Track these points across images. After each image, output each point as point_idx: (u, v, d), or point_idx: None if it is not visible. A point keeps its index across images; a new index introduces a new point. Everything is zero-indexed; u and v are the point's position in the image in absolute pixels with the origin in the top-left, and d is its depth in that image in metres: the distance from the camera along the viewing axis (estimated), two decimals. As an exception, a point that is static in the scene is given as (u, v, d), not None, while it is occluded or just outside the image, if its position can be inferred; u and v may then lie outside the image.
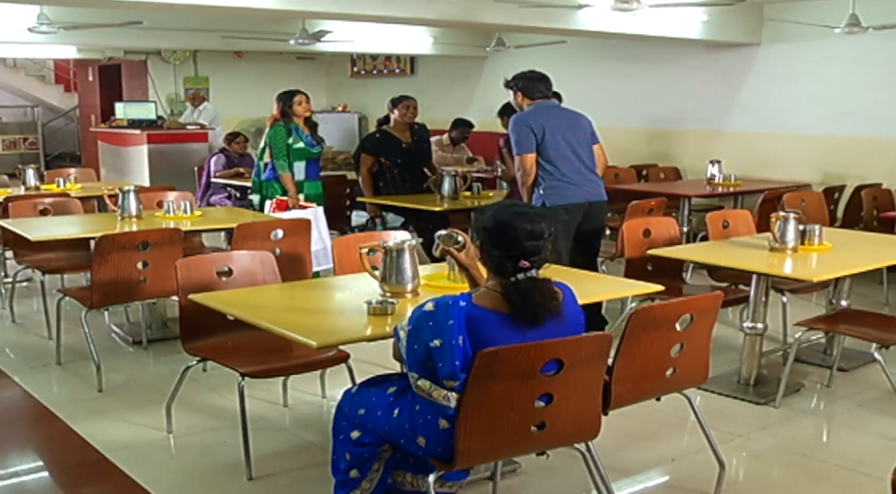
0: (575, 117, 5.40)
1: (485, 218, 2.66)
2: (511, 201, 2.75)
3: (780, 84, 8.54)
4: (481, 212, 2.72)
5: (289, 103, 6.63)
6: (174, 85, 13.15)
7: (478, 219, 2.70)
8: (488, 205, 2.78)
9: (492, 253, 2.60)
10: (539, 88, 5.31)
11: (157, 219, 5.57)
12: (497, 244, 2.58)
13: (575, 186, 5.26)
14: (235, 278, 3.98)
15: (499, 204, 2.75)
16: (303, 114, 6.65)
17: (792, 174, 8.49)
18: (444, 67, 12.28)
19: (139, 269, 4.70)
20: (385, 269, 3.34)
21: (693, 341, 3.17)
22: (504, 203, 2.79)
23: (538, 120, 5.18)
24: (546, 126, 5.16)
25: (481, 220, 2.67)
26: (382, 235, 4.43)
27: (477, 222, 2.70)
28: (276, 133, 6.54)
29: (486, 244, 2.63)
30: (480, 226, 2.66)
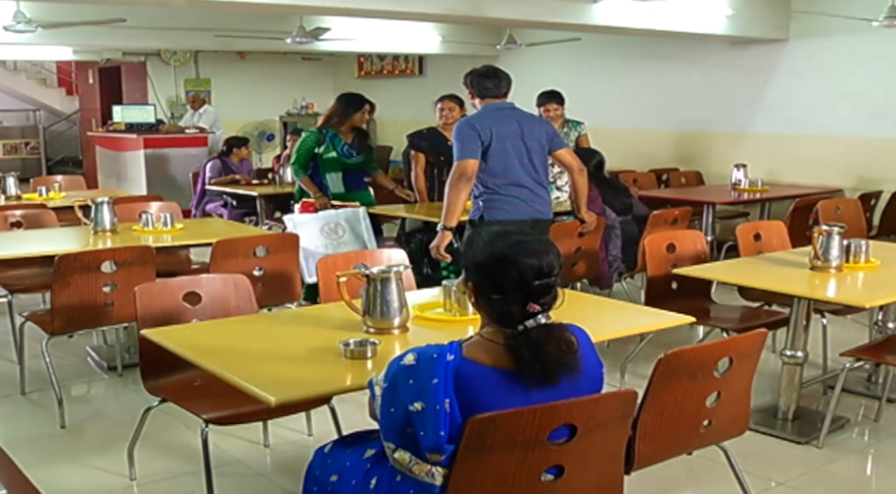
0: (530, 122, 4.68)
1: (475, 252, 2.15)
2: (503, 228, 2.22)
3: (810, 82, 8.00)
4: (468, 244, 2.20)
5: (354, 109, 6.05)
6: (175, 87, 12.72)
7: (466, 252, 2.19)
8: (475, 233, 2.24)
9: (490, 297, 2.09)
10: (486, 85, 4.58)
11: (134, 234, 5.10)
12: (497, 286, 2.07)
13: (519, 201, 4.58)
14: (205, 305, 3.50)
15: (490, 232, 2.18)
16: (358, 123, 6.14)
17: (823, 179, 7.96)
18: (453, 67, 11.75)
19: (105, 292, 4.23)
20: (368, 301, 2.85)
21: (732, 387, 2.67)
22: (497, 231, 2.18)
23: (486, 124, 4.47)
24: (494, 131, 4.48)
25: (471, 255, 2.16)
26: (367, 256, 3.94)
27: (465, 258, 2.19)
28: (303, 140, 6.11)
29: (481, 286, 2.12)
30: (471, 264, 2.15)
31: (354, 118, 6.07)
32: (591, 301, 3.51)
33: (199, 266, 5.75)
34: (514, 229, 2.19)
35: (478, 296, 2.12)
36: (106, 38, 8.90)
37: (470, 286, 2.14)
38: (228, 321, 3.15)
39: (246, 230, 5.65)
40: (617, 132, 9.37)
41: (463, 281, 2.19)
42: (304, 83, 13.41)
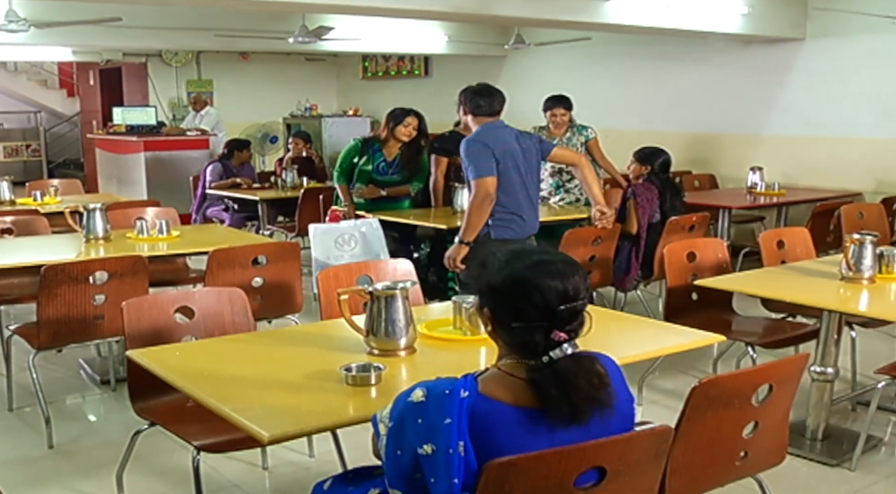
0: (525, 139, 4.52)
1: (490, 274, 1.90)
2: (522, 246, 1.99)
3: (828, 82, 7.76)
4: (482, 265, 1.95)
5: (395, 122, 6.07)
6: (176, 88, 12.50)
7: (479, 274, 1.94)
8: (490, 253, 1.97)
9: (509, 325, 1.85)
10: (479, 103, 4.44)
11: (128, 242, 4.88)
12: (516, 312, 1.83)
13: (523, 221, 4.49)
14: (198, 321, 3.28)
15: (507, 251, 1.93)
16: (400, 138, 6.09)
17: (841, 182, 7.71)
18: (460, 68, 11.55)
19: (95, 305, 4.01)
20: (371, 320, 2.62)
21: (771, 416, 2.43)
22: (515, 250, 1.93)
23: (496, 142, 4.34)
24: (503, 149, 4.34)
25: (486, 278, 1.91)
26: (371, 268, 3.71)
27: (479, 280, 1.93)
28: (346, 149, 6.21)
29: (499, 313, 1.88)
30: (487, 287, 1.91)
31: (397, 132, 6.04)
32: (609, 316, 3.28)
33: (197, 274, 5.53)
34: (534, 247, 1.96)
35: (495, 324, 1.89)
36: (105, 38, 8.70)
37: (486, 313, 1.90)
38: (221, 340, 2.92)
39: (244, 238, 5.42)
40: (627, 134, 9.12)
41: (477, 306, 1.95)
42: (307, 84, 13.19)
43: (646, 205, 5.55)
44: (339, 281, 3.62)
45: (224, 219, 8.02)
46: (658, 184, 5.73)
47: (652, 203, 5.60)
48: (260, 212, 7.74)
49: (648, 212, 5.57)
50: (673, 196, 5.83)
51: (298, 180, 7.97)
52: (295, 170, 8.04)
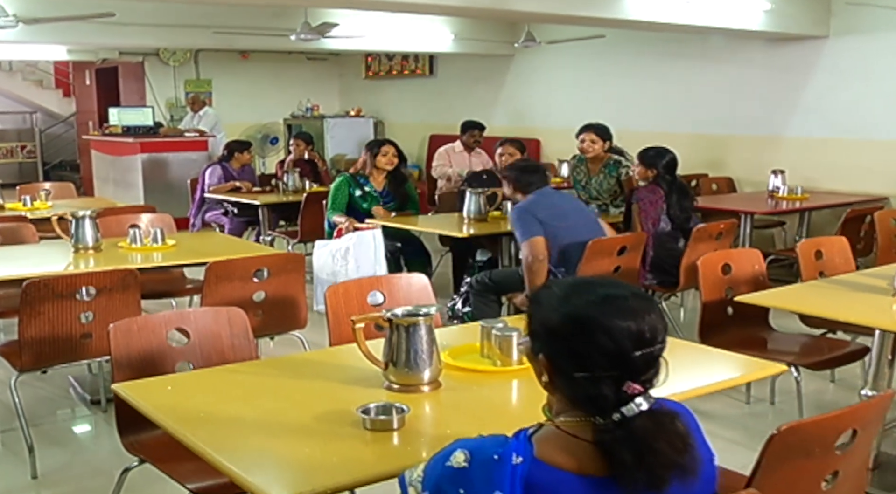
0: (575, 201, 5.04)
1: (547, 312, 1.57)
2: (583, 278, 1.67)
3: (852, 82, 7.43)
4: (535, 302, 1.62)
5: (375, 151, 6.08)
6: (174, 88, 12.17)
7: (534, 312, 1.61)
8: (545, 286, 1.66)
9: (571, 375, 1.52)
10: (529, 182, 4.78)
11: (120, 252, 4.56)
12: (580, 360, 1.50)
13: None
14: (194, 345, 2.96)
15: (565, 284, 1.62)
16: (383, 167, 6.09)
17: (865, 185, 7.39)
18: (466, 67, 11.24)
19: (82, 323, 3.69)
20: (391, 351, 2.30)
21: (852, 464, 2.11)
22: (575, 283, 1.63)
23: (540, 206, 4.66)
24: (551, 212, 4.66)
25: (542, 317, 1.58)
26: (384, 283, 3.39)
27: (534, 320, 1.61)
28: (336, 186, 6.14)
29: (557, 360, 1.55)
30: (542, 328, 1.58)
31: (378, 162, 6.04)
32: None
33: (194, 285, 5.22)
34: (597, 279, 1.63)
35: (553, 374, 1.55)
36: (100, 35, 8.36)
37: (541, 360, 1.56)
38: (220, 371, 2.59)
39: (244, 247, 5.10)
40: (641, 135, 8.75)
41: (529, 351, 1.62)
42: (309, 84, 12.86)
43: (650, 209, 5.23)
44: (348, 298, 3.32)
45: (224, 224, 7.70)
46: (664, 186, 5.39)
47: (657, 206, 5.27)
48: (261, 216, 7.42)
49: (653, 217, 5.25)
50: (681, 198, 5.48)
51: (300, 183, 7.66)
52: (297, 173, 7.72)
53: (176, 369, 2.89)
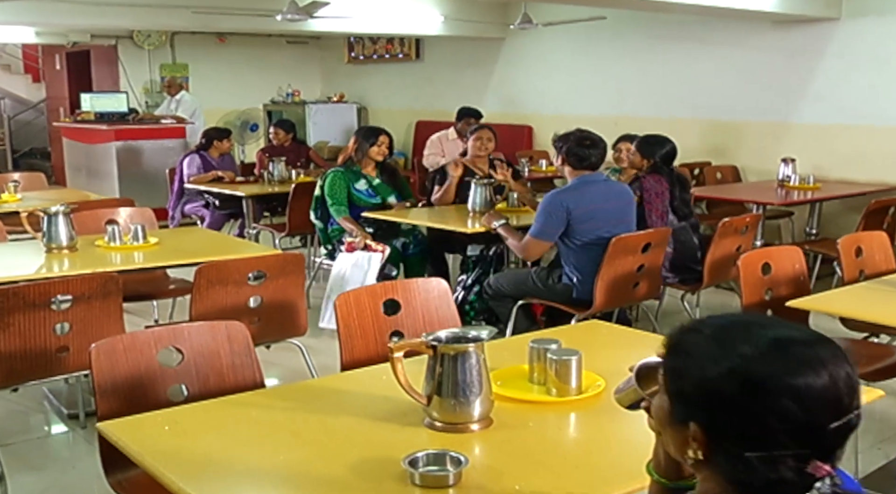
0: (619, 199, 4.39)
1: (702, 367, 1.17)
2: (735, 316, 1.25)
3: (865, 67, 7.09)
4: (677, 351, 1.23)
5: (370, 141, 5.62)
6: (149, 73, 11.65)
7: (677, 365, 1.22)
8: (691, 328, 1.24)
9: (739, 454, 1.12)
10: (581, 156, 4.24)
11: (97, 251, 4.15)
12: (754, 433, 1.12)
13: None
14: (188, 365, 2.57)
15: (719, 325, 1.21)
16: (375, 158, 5.65)
17: (878, 174, 7.07)
18: (454, 51, 10.81)
19: (58, 335, 3.28)
20: (435, 384, 1.92)
21: None
22: (730, 322, 1.22)
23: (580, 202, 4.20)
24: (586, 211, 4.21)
25: (694, 373, 1.18)
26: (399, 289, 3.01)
27: (678, 376, 1.21)
28: (332, 182, 5.62)
29: (720, 432, 1.15)
30: (696, 389, 1.18)
31: (372, 152, 5.61)
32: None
33: (179, 285, 4.81)
34: (755, 317, 1.25)
35: (709, 450, 1.17)
36: (70, 16, 7.87)
37: (692, 429, 1.18)
38: (225, 405, 2.19)
39: (234, 245, 4.70)
40: (642, 121, 8.41)
41: (668, 415, 1.23)
42: (289, 68, 12.39)
43: (656, 201, 4.89)
44: (360, 309, 2.94)
45: (204, 216, 7.27)
46: (666, 177, 5.06)
47: (663, 198, 4.94)
48: (245, 209, 7.00)
49: (660, 209, 4.91)
50: (681, 189, 5.17)
51: (286, 173, 7.24)
52: (282, 161, 7.30)
53: (168, 393, 2.51)
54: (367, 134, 5.71)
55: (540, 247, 4.28)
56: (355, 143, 5.66)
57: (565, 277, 4.33)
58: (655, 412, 1.27)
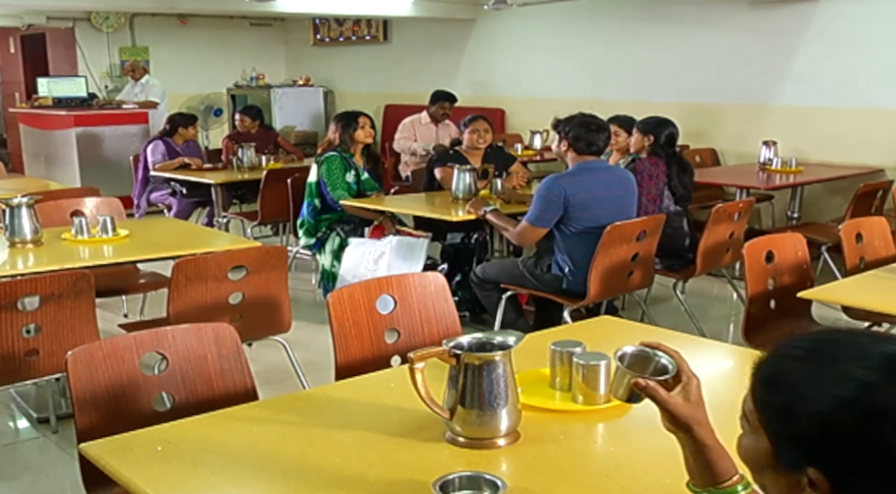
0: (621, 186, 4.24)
1: (813, 399, 1.00)
2: (829, 332, 1.09)
3: (845, 48, 6.99)
4: (776, 382, 1.06)
5: (353, 126, 5.34)
6: (108, 56, 11.29)
7: (777, 399, 1.04)
8: (788, 349, 1.08)
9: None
10: (584, 140, 4.04)
11: (64, 245, 3.91)
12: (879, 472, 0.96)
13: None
14: (174, 372, 2.36)
15: (817, 343, 1.06)
16: (363, 141, 5.39)
17: (858, 157, 6.99)
18: (423, 33, 10.59)
19: (25, 338, 3.05)
20: (457, 394, 1.74)
21: None
22: (828, 339, 1.07)
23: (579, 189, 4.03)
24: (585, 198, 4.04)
25: (803, 407, 1.01)
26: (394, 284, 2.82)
27: (781, 411, 1.04)
28: (331, 167, 5.30)
29: (848, 478, 0.98)
30: (810, 426, 1.00)
31: (358, 136, 5.34)
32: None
33: (150, 279, 4.58)
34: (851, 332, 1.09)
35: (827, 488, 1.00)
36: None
37: (811, 475, 0.99)
38: (220, 419, 1.99)
39: (210, 237, 4.47)
40: (619, 104, 8.27)
41: (772, 460, 1.05)
42: (253, 51, 12.07)
43: (648, 184, 4.75)
44: (354, 305, 2.75)
45: (171, 205, 7.01)
46: (664, 159, 4.95)
47: (658, 181, 4.82)
48: (214, 196, 6.75)
49: (653, 192, 4.78)
50: (680, 173, 5.06)
51: (256, 159, 7.00)
52: (252, 147, 7.05)
53: (152, 403, 2.31)
54: (348, 119, 5.41)
55: (536, 233, 4.11)
56: (336, 131, 5.38)
57: (555, 266, 4.18)
58: (747, 454, 1.10)
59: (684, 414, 1.28)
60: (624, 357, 1.41)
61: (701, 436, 1.27)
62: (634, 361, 1.40)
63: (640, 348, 1.42)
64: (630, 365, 1.38)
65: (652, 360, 1.39)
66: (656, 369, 1.37)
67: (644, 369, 1.38)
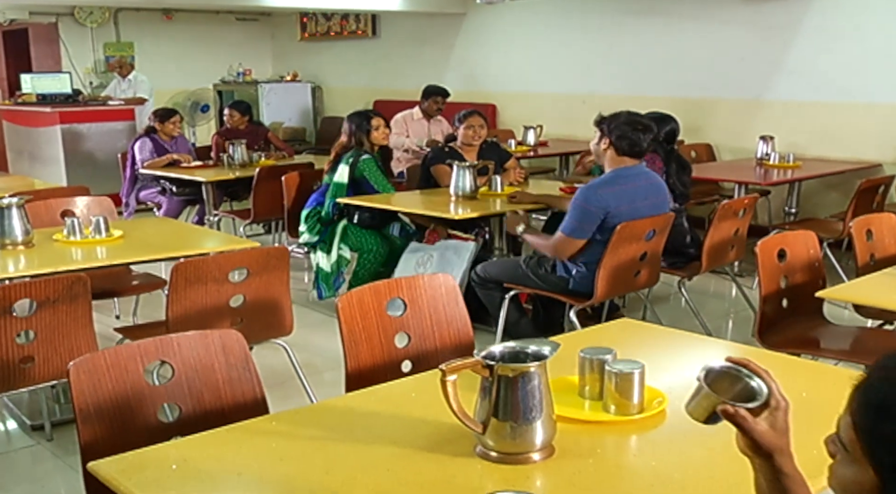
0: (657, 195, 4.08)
1: None
2: None
3: (843, 41, 6.94)
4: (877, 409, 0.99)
5: (366, 127, 5.23)
6: (93, 52, 11.12)
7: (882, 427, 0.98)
8: (877, 371, 1.03)
9: None
10: (629, 140, 3.85)
11: (56, 247, 3.79)
12: None
13: None
14: (180, 381, 2.26)
15: None
16: (380, 142, 5.30)
17: (855, 151, 6.95)
18: (412, 27, 10.48)
19: (20, 344, 2.94)
20: (491, 408, 1.65)
21: None
22: None
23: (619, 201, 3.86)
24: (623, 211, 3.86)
25: None
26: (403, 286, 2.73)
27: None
28: (371, 170, 5.19)
29: None
30: None
31: (374, 138, 5.25)
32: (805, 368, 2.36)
33: (143, 281, 4.47)
34: None
35: None
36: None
37: None
38: (235, 432, 1.89)
39: (206, 237, 4.35)
40: (612, 99, 8.16)
41: (874, 487, 0.98)
42: (239, 47, 11.94)
43: None
44: (364, 310, 2.66)
45: (161, 203, 6.89)
46: (663, 155, 4.89)
47: None
48: (205, 195, 6.63)
49: None
50: (679, 170, 5.00)
51: (247, 157, 6.87)
52: (243, 144, 6.93)
53: (158, 414, 2.21)
54: (360, 120, 5.28)
55: (573, 245, 3.89)
56: (350, 133, 5.26)
57: (560, 269, 4.08)
58: (844, 485, 1.01)
59: (769, 443, 1.19)
60: (708, 375, 1.31)
61: (780, 464, 1.19)
62: (718, 378, 1.30)
63: (727, 366, 1.32)
64: (713, 382, 1.29)
65: (739, 380, 1.29)
66: (744, 390, 1.28)
67: (729, 389, 1.28)
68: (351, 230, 5.22)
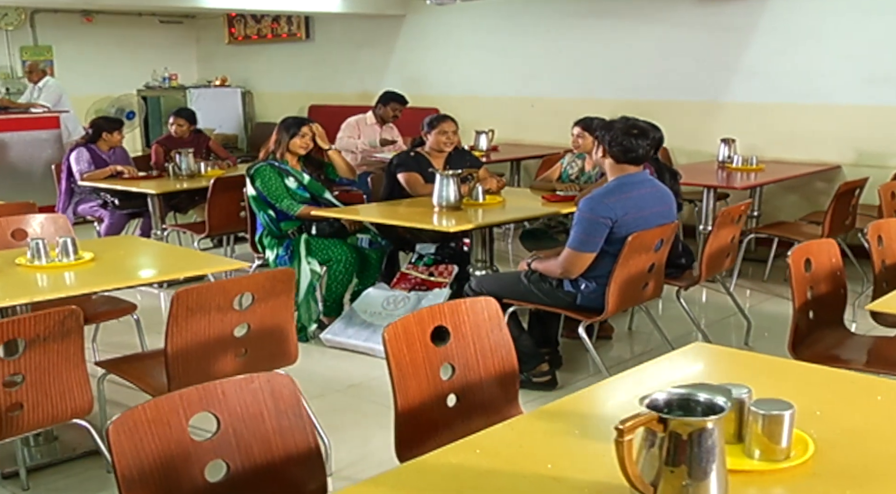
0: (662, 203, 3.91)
1: None
2: None
3: (798, 44, 6.93)
4: None
5: (290, 133, 5.03)
6: (8, 57, 10.47)
7: None
8: None
9: None
10: (627, 147, 3.69)
11: (21, 272, 3.40)
12: None
13: None
14: (227, 435, 1.97)
15: None
16: (296, 151, 5.04)
17: (815, 153, 6.95)
18: (349, 30, 10.16)
19: (8, 390, 2.57)
20: (662, 465, 1.41)
21: None
22: None
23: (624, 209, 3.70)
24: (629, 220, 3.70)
25: None
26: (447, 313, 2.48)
27: None
28: (266, 179, 4.97)
29: None
30: None
31: (293, 145, 5.02)
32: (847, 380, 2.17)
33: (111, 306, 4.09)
34: None
35: None
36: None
37: None
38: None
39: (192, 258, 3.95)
40: (561, 102, 8.11)
41: None
42: (163, 50, 11.43)
43: None
44: (410, 340, 2.42)
45: (103, 217, 6.44)
46: (653, 163, 4.74)
47: None
48: (151, 208, 6.21)
49: None
50: (671, 179, 4.86)
51: (195, 167, 6.48)
52: (190, 154, 6.53)
53: (206, 473, 1.92)
54: (290, 125, 5.09)
55: (583, 260, 3.71)
56: (276, 135, 5.06)
57: (567, 283, 3.87)
58: None
59: None
60: None
61: None
62: None
63: None
64: None
65: None
66: None
67: None
68: (314, 243, 4.94)
